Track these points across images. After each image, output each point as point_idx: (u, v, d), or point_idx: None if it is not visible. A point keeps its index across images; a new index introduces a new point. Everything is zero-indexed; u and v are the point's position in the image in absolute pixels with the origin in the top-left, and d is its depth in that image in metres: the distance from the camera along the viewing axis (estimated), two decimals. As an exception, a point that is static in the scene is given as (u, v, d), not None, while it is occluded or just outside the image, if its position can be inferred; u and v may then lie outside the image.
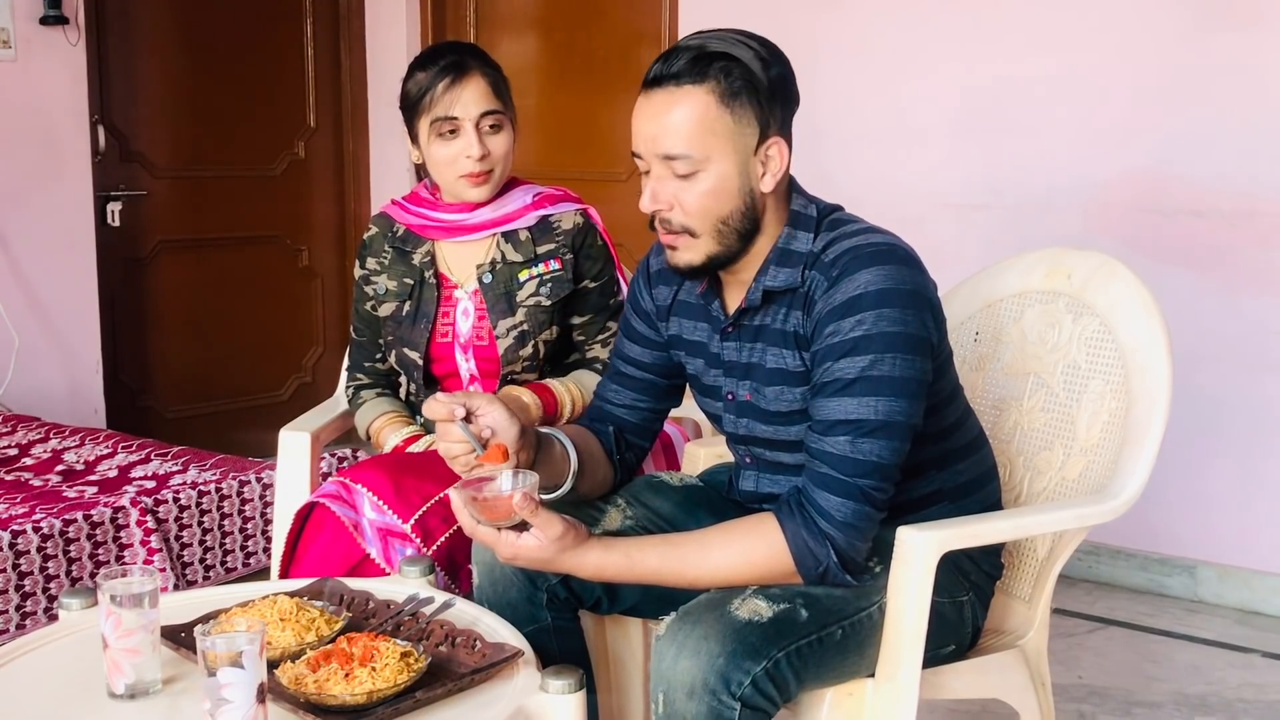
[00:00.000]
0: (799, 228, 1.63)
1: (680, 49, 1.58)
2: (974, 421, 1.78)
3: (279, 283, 4.76)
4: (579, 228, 2.21)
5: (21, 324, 3.89)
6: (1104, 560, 3.44)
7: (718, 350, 1.71)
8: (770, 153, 1.58)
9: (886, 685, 1.60)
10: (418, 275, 2.23)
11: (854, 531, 1.54)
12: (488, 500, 1.54)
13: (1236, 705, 2.70)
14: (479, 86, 2.15)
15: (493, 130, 2.16)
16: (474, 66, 2.15)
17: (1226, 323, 3.21)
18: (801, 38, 3.79)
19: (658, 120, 1.57)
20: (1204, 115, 3.20)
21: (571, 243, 2.20)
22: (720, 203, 1.58)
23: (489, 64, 2.19)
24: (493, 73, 2.18)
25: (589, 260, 2.21)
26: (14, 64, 3.87)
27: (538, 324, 2.17)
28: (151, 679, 1.47)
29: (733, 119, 1.55)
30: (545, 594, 1.73)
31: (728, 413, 1.72)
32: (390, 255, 2.26)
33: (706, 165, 1.56)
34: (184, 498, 2.86)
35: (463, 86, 2.13)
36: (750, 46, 1.58)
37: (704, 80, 1.55)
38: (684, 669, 1.46)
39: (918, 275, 1.58)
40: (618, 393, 1.86)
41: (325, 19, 4.81)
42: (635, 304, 1.85)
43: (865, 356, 1.52)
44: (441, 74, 2.14)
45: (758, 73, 1.56)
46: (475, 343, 2.19)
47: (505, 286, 2.18)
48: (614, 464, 1.83)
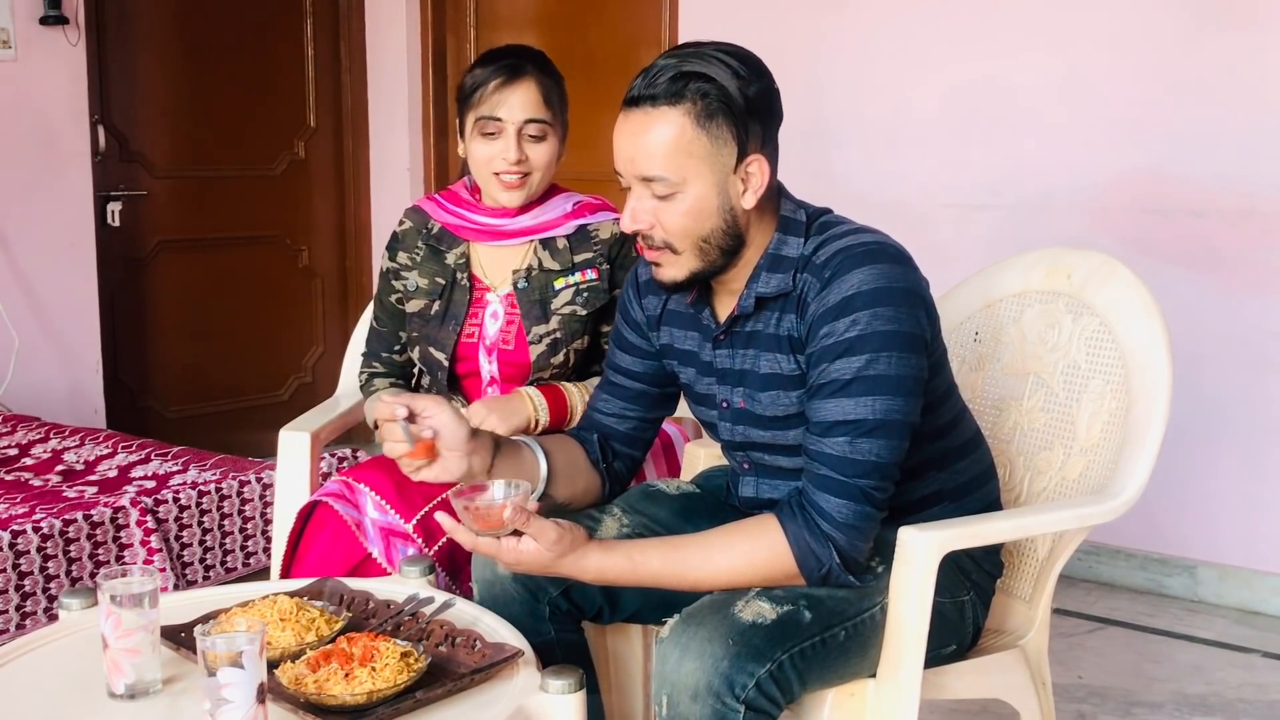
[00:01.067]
0: (789, 233, 1.62)
1: (657, 67, 1.56)
2: (970, 420, 1.78)
3: (279, 283, 4.76)
4: (616, 238, 2.19)
5: (21, 324, 3.89)
6: (1104, 560, 3.44)
7: (710, 358, 1.71)
8: (750, 170, 1.57)
9: (888, 685, 1.60)
10: (450, 276, 2.20)
11: (855, 532, 1.54)
12: (480, 510, 1.54)
13: (1237, 705, 2.70)
14: (529, 92, 2.11)
15: (534, 139, 2.13)
16: (529, 71, 2.12)
17: (1226, 323, 3.21)
18: (802, 38, 3.80)
19: (635, 141, 1.57)
20: (1204, 115, 3.20)
21: (609, 253, 2.18)
22: (699, 222, 1.58)
23: (547, 71, 2.15)
24: (548, 81, 2.14)
25: (624, 271, 2.18)
26: (14, 64, 3.87)
27: (571, 333, 2.16)
28: (151, 679, 1.47)
29: (709, 140, 1.55)
30: (547, 607, 1.73)
31: (723, 420, 1.72)
32: (424, 252, 2.23)
33: (684, 187, 1.56)
34: (184, 498, 2.86)
35: (513, 89, 2.11)
36: (728, 65, 1.55)
37: (680, 101, 1.54)
38: (688, 672, 1.46)
39: (910, 273, 1.58)
40: (608, 402, 1.86)
41: (325, 19, 4.81)
42: (625, 314, 1.85)
43: (861, 356, 1.52)
44: (496, 73, 2.11)
45: (734, 92, 1.54)
46: (501, 345, 2.17)
47: (540, 294, 2.16)
48: (600, 473, 1.83)
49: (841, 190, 3.77)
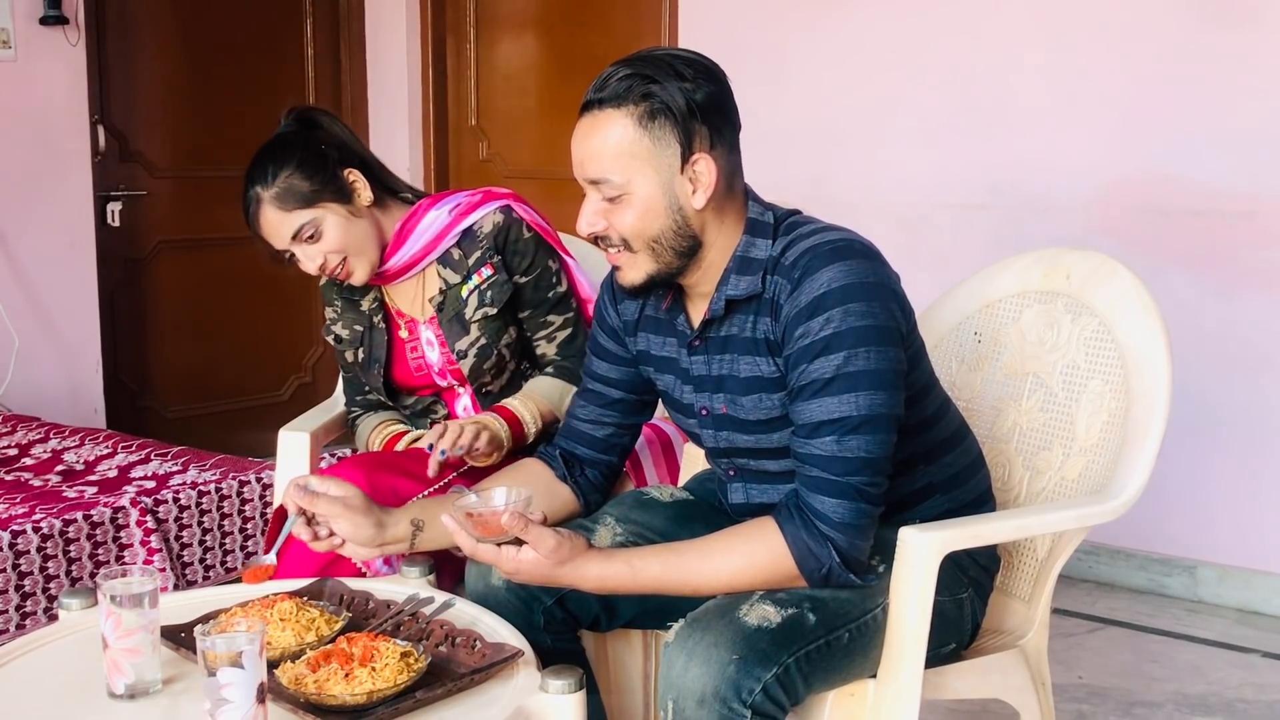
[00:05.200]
0: (757, 235, 1.63)
1: (606, 74, 1.59)
2: (955, 412, 1.78)
3: (279, 283, 4.74)
4: (499, 226, 2.16)
5: (21, 324, 3.89)
6: (1104, 560, 3.44)
7: (687, 365, 1.71)
8: (698, 169, 1.57)
9: (888, 686, 1.60)
10: (366, 321, 2.23)
11: (854, 531, 1.54)
12: (482, 516, 1.55)
13: (1237, 705, 2.70)
14: (270, 223, 2.08)
15: (310, 240, 2.08)
16: (260, 201, 2.07)
17: (1226, 323, 3.21)
18: (802, 38, 3.80)
19: (583, 144, 1.59)
20: (1204, 115, 3.20)
21: (494, 244, 2.15)
22: (648, 223, 1.59)
23: (276, 172, 2.06)
24: (282, 188, 2.05)
25: (515, 256, 2.16)
26: (14, 64, 3.87)
27: (493, 333, 2.15)
28: (151, 679, 1.47)
29: (651, 141, 1.56)
30: (542, 617, 1.73)
31: (705, 428, 1.72)
32: (341, 304, 2.26)
33: (629, 188, 1.57)
34: (184, 498, 2.86)
35: (259, 225, 2.10)
36: (674, 68, 1.56)
37: (623, 104, 1.56)
38: (694, 677, 1.46)
39: (879, 267, 1.58)
40: (584, 408, 1.87)
41: (325, 19, 4.81)
42: (601, 320, 1.85)
43: (839, 354, 1.52)
44: (245, 218, 2.11)
45: (675, 94, 1.55)
46: (449, 368, 2.19)
47: (455, 309, 2.16)
48: (571, 487, 1.86)
49: (841, 190, 3.78)
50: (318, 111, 2.23)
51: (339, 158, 2.12)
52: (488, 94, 4.76)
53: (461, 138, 4.84)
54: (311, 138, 2.12)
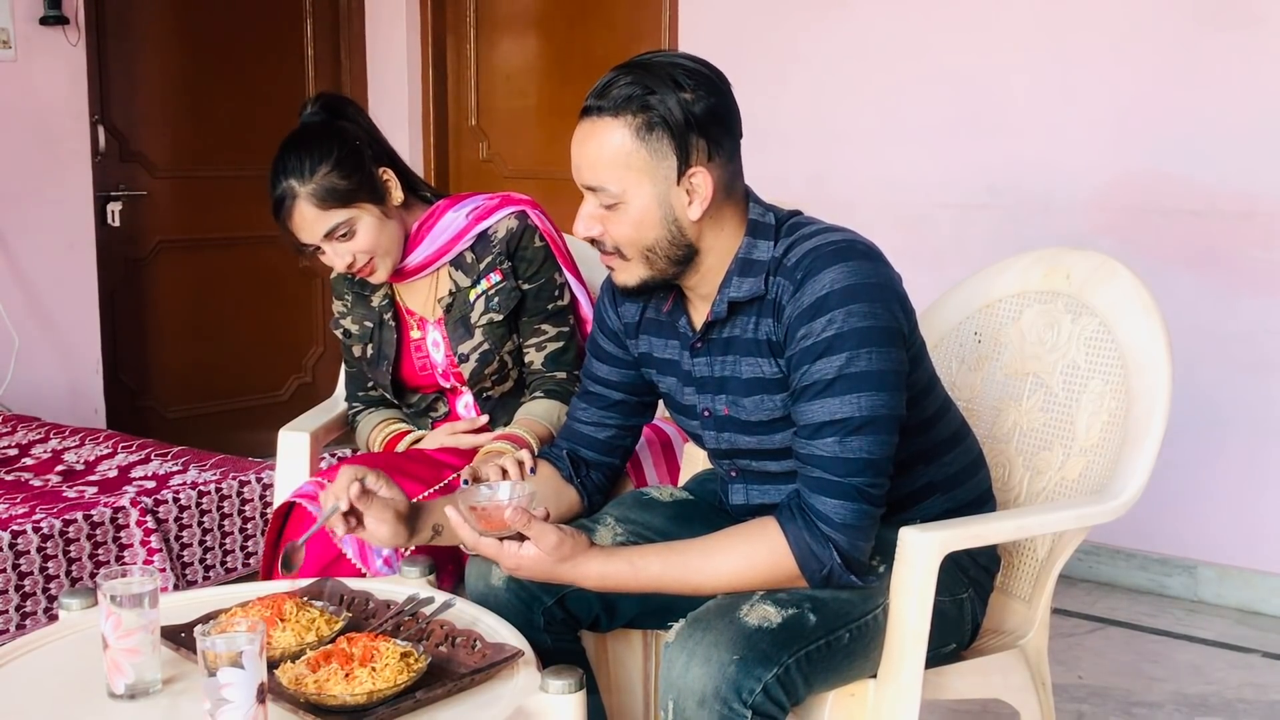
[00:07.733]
0: (759, 236, 1.63)
1: (607, 80, 1.58)
2: (956, 412, 1.78)
3: (279, 283, 4.75)
4: (512, 232, 2.15)
5: (21, 324, 3.89)
6: (1104, 560, 3.44)
7: (689, 367, 1.71)
8: (695, 182, 1.57)
9: (889, 686, 1.60)
10: (377, 317, 2.22)
11: (855, 531, 1.54)
12: (485, 510, 1.55)
13: (1237, 705, 2.70)
14: (304, 219, 2.05)
15: (344, 238, 2.06)
16: (294, 197, 2.03)
17: (1226, 323, 3.21)
18: (802, 38, 3.80)
19: (581, 150, 1.59)
20: (1204, 115, 3.20)
21: (506, 249, 2.15)
22: (643, 233, 1.59)
23: (314, 168, 2.03)
24: (319, 185, 2.03)
25: (523, 262, 2.16)
26: (14, 64, 3.87)
27: (497, 339, 2.15)
28: (151, 679, 1.47)
29: (649, 153, 1.55)
30: (542, 617, 1.73)
31: (707, 429, 1.72)
32: (351, 298, 2.26)
33: (625, 198, 1.57)
34: (184, 498, 2.86)
35: (291, 222, 2.06)
36: (675, 79, 1.55)
37: (621, 114, 1.55)
38: (695, 677, 1.46)
39: (881, 268, 1.58)
40: (585, 410, 1.88)
41: (325, 19, 4.81)
42: (601, 323, 1.85)
43: (841, 355, 1.52)
44: (274, 210, 2.07)
45: (674, 106, 1.54)
46: (452, 370, 2.19)
47: (461, 312, 2.16)
48: (575, 488, 1.86)
49: (841, 190, 3.78)
50: (344, 100, 2.20)
51: (373, 154, 2.11)
52: (488, 94, 4.76)
53: (461, 138, 4.84)
54: (344, 130, 2.10)
